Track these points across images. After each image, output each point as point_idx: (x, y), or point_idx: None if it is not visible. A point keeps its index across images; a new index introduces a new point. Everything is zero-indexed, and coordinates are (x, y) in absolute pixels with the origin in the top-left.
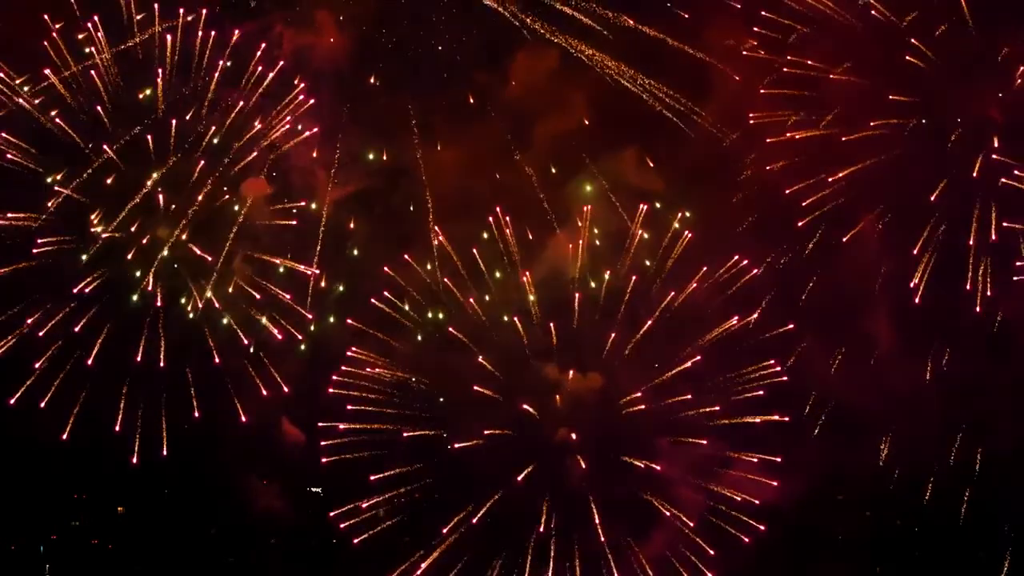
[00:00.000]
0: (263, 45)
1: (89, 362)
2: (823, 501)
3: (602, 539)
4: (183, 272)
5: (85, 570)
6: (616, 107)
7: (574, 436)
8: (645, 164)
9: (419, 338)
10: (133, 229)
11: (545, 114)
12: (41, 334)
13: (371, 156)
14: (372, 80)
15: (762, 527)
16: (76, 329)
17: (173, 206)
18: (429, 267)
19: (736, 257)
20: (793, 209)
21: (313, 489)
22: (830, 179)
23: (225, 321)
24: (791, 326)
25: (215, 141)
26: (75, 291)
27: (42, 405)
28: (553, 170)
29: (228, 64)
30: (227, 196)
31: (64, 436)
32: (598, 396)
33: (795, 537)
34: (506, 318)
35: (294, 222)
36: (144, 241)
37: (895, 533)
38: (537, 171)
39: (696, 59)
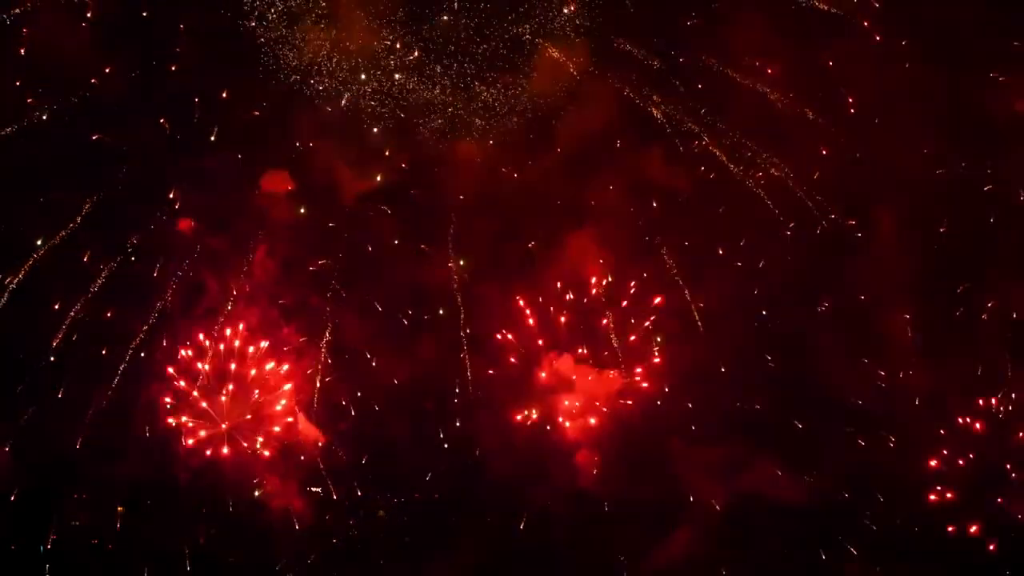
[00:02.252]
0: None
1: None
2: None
3: None
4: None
5: (85, 570)
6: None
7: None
8: (670, 161)
9: None
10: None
11: (569, 112)
12: None
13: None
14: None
15: None
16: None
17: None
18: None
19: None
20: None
21: (313, 489)
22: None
23: None
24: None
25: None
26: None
27: None
28: (576, 167)
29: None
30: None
31: None
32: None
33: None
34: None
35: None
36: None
37: (895, 534)
38: (560, 168)
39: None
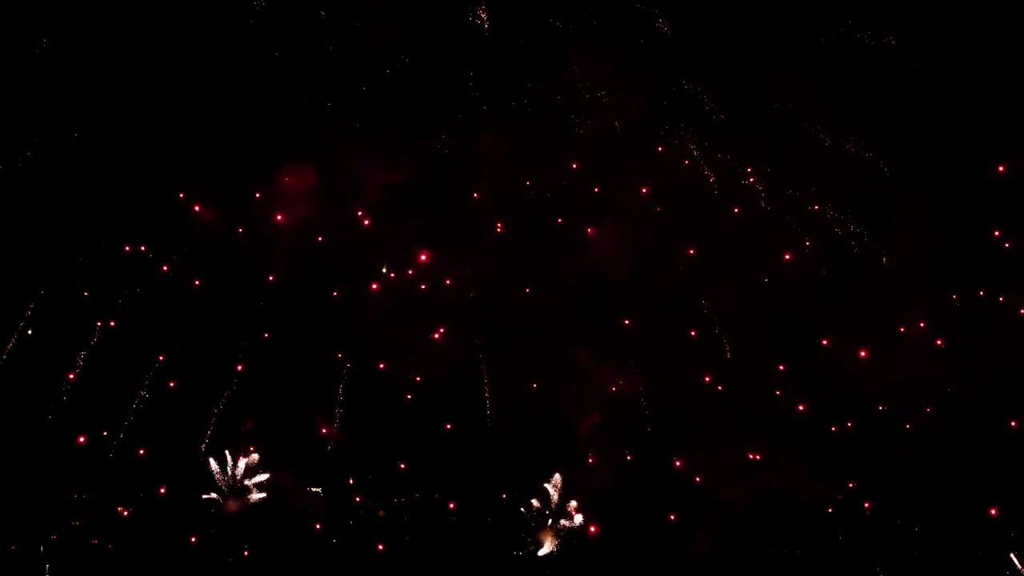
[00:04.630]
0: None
1: None
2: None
3: None
4: None
5: (85, 570)
6: (670, 103)
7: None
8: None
9: None
10: None
11: (595, 109)
12: None
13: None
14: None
15: None
16: None
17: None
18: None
19: None
20: None
21: (314, 489)
22: None
23: None
24: None
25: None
26: None
27: None
28: (601, 163)
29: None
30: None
31: None
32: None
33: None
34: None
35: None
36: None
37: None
38: (585, 165)
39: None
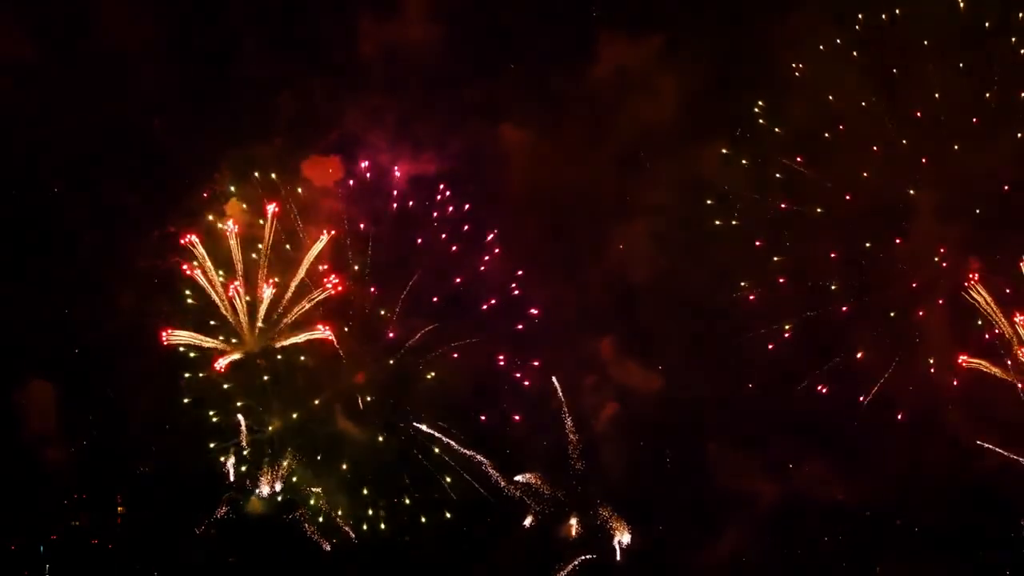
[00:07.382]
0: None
1: None
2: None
3: None
4: None
5: (85, 570)
6: (699, 103)
7: None
8: (727, 159)
9: None
10: None
11: (627, 107)
12: None
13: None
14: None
15: None
16: None
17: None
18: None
19: None
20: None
21: (313, 489)
22: None
23: None
24: None
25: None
26: None
27: None
28: (630, 161)
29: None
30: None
31: None
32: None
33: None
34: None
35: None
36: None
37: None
38: (614, 162)
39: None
